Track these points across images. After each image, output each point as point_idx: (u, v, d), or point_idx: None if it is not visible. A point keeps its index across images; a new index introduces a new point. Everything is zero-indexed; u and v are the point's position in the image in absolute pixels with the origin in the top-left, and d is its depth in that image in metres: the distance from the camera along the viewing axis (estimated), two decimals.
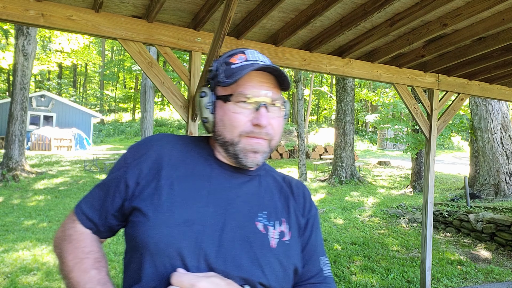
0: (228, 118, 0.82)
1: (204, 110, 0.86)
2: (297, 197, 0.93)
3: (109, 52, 38.75)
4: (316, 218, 0.96)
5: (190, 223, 0.77)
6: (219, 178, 0.85)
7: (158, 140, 0.88)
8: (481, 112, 8.49)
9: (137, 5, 2.23)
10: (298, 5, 2.31)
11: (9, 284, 3.90)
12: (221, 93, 0.84)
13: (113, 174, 0.86)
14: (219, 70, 0.85)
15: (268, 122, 0.80)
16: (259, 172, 0.91)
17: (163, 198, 0.79)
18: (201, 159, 0.87)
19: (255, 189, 0.87)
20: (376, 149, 24.25)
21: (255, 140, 0.81)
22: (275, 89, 0.83)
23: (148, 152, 0.85)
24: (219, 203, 0.81)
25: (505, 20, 2.36)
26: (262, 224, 0.82)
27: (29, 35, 10.70)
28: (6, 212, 7.03)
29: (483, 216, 5.92)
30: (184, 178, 0.82)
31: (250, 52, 0.86)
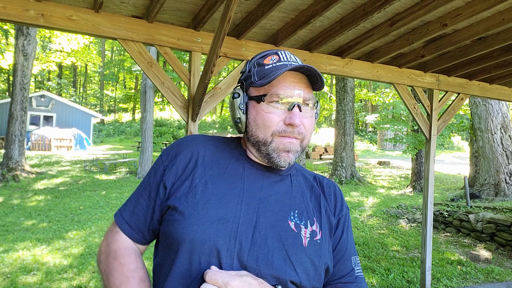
0: (261, 118, 0.83)
1: (237, 110, 0.87)
2: (328, 197, 0.95)
3: (109, 52, 38.75)
4: (348, 218, 0.97)
5: (224, 220, 0.78)
6: (251, 177, 0.86)
7: (191, 140, 0.91)
8: (481, 112, 8.49)
9: (137, 5, 2.23)
10: (298, 5, 2.31)
11: (9, 284, 3.90)
12: (254, 94, 0.86)
13: (151, 179, 0.88)
14: (252, 71, 0.86)
15: (300, 122, 0.82)
16: (290, 172, 0.93)
17: (198, 196, 0.81)
18: (233, 158, 0.89)
19: (286, 189, 0.88)
20: (376, 149, 24.25)
21: (287, 139, 0.83)
22: (307, 89, 0.84)
23: (182, 152, 0.88)
24: (252, 202, 0.82)
25: (505, 20, 2.36)
26: (294, 223, 0.83)
27: (29, 35, 10.70)
28: (6, 212, 7.03)
29: (483, 216, 5.92)
30: (217, 177, 0.85)
31: (283, 53, 0.87)
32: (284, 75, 0.83)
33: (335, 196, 0.96)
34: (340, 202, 0.96)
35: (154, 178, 0.88)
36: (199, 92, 2.33)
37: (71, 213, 7.16)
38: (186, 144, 0.90)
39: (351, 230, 0.98)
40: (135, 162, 13.49)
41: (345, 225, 0.95)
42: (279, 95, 0.81)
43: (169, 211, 0.82)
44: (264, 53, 0.89)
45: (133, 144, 21.04)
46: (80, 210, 7.39)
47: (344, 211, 0.96)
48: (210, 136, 0.94)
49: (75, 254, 4.88)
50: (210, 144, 0.91)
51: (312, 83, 0.86)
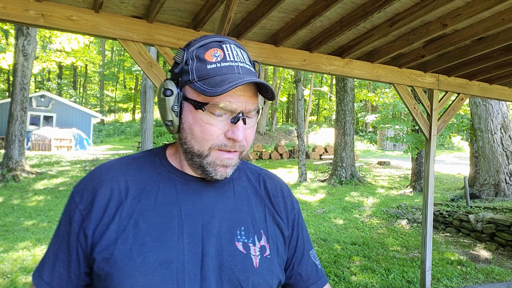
0: (199, 128, 0.71)
1: (169, 112, 0.73)
2: (275, 199, 0.86)
3: (109, 52, 38.77)
4: (299, 214, 0.91)
5: (167, 264, 0.69)
6: (187, 200, 0.75)
7: (106, 172, 0.76)
8: (481, 112, 8.49)
9: (137, 5, 2.23)
10: (298, 5, 2.31)
11: (9, 284, 3.90)
12: (191, 95, 0.72)
13: (67, 228, 0.74)
14: (190, 66, 0.72)
15: (243, 137, 0.72)
16: (232, 176, 0.82)
17: (130, 241, 0.69)
18: (162, 181, 0.77)
19: (229, 203, 0.79)
20: (376, 149, 24.26)
21: (227, 154, 0.73)
22: (253, 98, 0.73)
23: (99, 190, 0.73)
24: (194, 231, 0.73)
25: (505, 20, 2.36)
26: (242, 243, 0.75)
27: (29, 35, 10.70)
28: (6, 212, 7.03)
29: (483, 216, 5.92)
30: (148, 211, 0.72)
31: (228, 48, 0.73)
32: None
33: (283, 196, 0.88)
34: (289, 201, 0.89)
35: (69, 226, 0.73)
36: None
37: None
38: (102, 178, 0.75)
39: (304, 225, 0.92)
40: None
41: (299, 225, 0.89)
42: (223, 107, 0.70)
43: (97, 264, 0.70)
44: (204, 41, 0.73)
45: (133, 144, 21.04)
46: None
47: (295, 208, 0.90)
48: (129, 159, 0.80)
49: None
50: (130, 170, 0.77)
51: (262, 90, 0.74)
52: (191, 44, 0.74)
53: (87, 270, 0.73)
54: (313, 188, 10.60)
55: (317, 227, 6.58)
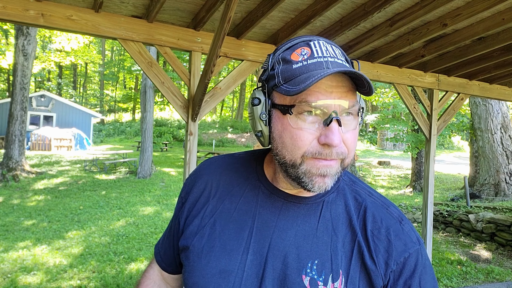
0: (288, 135, 0.63)
1: (258, 122, 0.67)
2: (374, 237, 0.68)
3: (109, 52, 38.77)
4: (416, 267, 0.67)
5: (226, 274, 0.67)
6: (264, 213, 0.70)
7: (208, 167, 0.80)
8: (481, 112, 8.50)
9: (137, 5, 2.23)
10: (298, 5, 2.31)
11: (9, 284, 3.90)
12: (278, 100, 0.65)
13: (175, 211, 0.84)
14: (276, 70, 0.65)
15: (340, 141, 0.61)
16: (325, 197, 0.72)
17: (204, 240, 0.71)
18: (249, 187, 0.74)
19: (309, 228, 0.69)
20: (376, 149, 24.26)
21: (323, 162, 0.62)
22: (349, 94, 0.63)
23: (197, 183, 0.78)
24: (260, 249, 0.68)
25: (505, 20, 2.36)
26: (309, 278, 0.65)
27: (29, 35, 10.70)
28: (6, 212, 7.03)
29: (483, 216, 5.92)
30: (227, 214, 0.72)
31: (316, 44, 0.65)
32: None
33: (387, 235, 0.68)
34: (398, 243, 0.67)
35: (175, 210, 0.83)
36: (199, 92, 2.33)
37: (71, 213, 7.16)
38: (202, 172, 0.80)
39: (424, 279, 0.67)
40: (135, 162, 13.49)
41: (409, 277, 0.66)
42: (311, 104, 0.61)
43: (181, 252, 0.77)
44: (291, 42, 0.66)
45: (133, 144, 21.04)
46: (80, 210, 7.39)
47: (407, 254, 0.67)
48: (232, 158, 0.80)
49: (75, 254, 4.88)
50: (227, 170, 0.78)
51: (357, 85, 0.64)
52: (278, 48, 0.69)
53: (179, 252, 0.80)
54: None
55: None
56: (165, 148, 19.98)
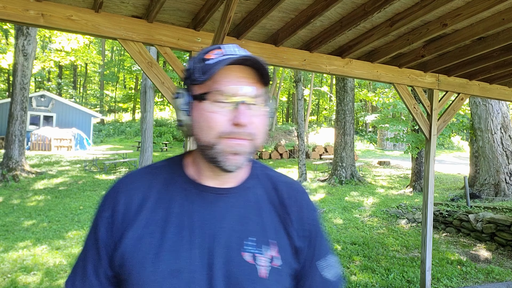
0: (204, 118, 0.74)
1: (179, 112, 0.78)
2: (289, 209, 0.85)
3: (109, 52, 38.77)
4: (317, 224, 0.89)
5: (177, 272, 0.72)
6: (199, 211, 0.78)
7: (128, 183, 0.81)
8: (481, 112, 8.49)
9: (137, 5, 2.23)
10: (298, 5, 2.31)
11: (9, 284, 3.90)
12: (197, 92, 0.77)
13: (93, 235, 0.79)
14: (195, 68, 0.77)
15: (248, 120, 0.73)
16: (247, 184, 0.84)
17: (145, 250, 0.73)
18: (177, 191, 0.80)
19: (241, 213, 0.80)
20: (376, 149, 24.26)
21: (236, 141, 0.73)
22: (256, 84, 0.76)
23: (120, 200, 0.78)
24: (203, 242, 0.75)
25: (505, 20, 2.36)
26: (250, 254, 0.76)
27: (29, 35, 10.70)
28: (6, 212, 7.03)
29: (483, 216, 5.92)
30: (163, 222, 0.76)
31: (228, 47, 0.78)
32: (229, 70, 0.74)
33: (298, 206, 0.86)
34: (306, 211, 0.87)
35: (96, 234, 0.78)
36: None
37: (71, 213, 7.17)
38: (124, 188, 0.80)
39: (320, 235, 0.89)
40: (135, 162, 13.49)
41: (314, 236, 0.87)
42: (223, 92, 0.72)
43: (117, 269, 0.75)
44: (208, 48, 0.80)
45: (133, 144, 21.05)
46: (80, 210, 7.39)
47: (313, 218, 0.88)
48: (150, 169, 0.84)
49: (75, 254, 4.88)
50: (150, 180, 0.81)
51: (263, 77, 0.77)
52: (198, 53, 0.81)
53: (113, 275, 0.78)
54: (313, 188, 10.60)
55: None
56: (165, 148, 19.98)
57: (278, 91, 28.16)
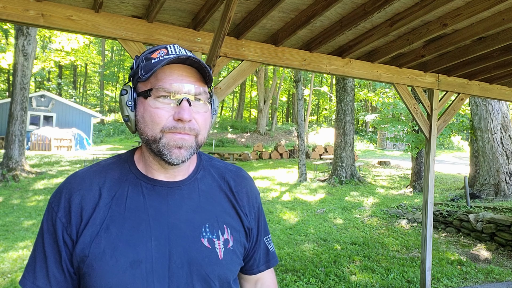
0: (148, 114, 0.78)
1: (125, 108, 0.82)
2: (238, 195, 0.93)
3: (109, 52, 38.76)
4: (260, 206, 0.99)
5: (137, 263, 0.75)
6: (154, 204, 0.81)
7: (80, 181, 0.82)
8: (481, 112, 8.49)
9: (137, 5, 2.23)
10: (298, 5, 2.31)
11: (9, 284, 3.90)
12: (141, 89, 0.81)
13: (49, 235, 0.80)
14: (140, 66, 0.81)
15: (190, 116, 0.77)
16: (196, 176, 0.89)
17: (103, 245, 0.76)
18: (130, 187, 0.83)
19: (194, 203, 0.85)
20: (376, 149, 24.26)
21: (178, 135, 0.78)
22: (198, 83, 0.81)
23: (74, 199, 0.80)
24: (161, 233, 0.79)
25: (505, 20, 2.36)
26: (207, 239, 0.82)
27: (29, 35, 10.70)
28: (6, 212, 7.03)
29: (483, 216, 5.92)
30: (119, 217, 0.79)
31: (172, 47, 0.82)
32: (171, 69, 0.79)
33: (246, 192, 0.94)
34: (252, 196, 0.96)
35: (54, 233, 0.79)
36: None
37: None
38: (77, 186, 0.81)
39: (263, 215, 1.00)
40: None
41: (260, 216, 0.98)
42: (166, 89, 0.77)
43: (77, 264, 0.77)
44: (153, 48, 0.84)
45: (133, 144, 21.04)
46: None
47: (257, 202, 0.97)
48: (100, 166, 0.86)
49: None
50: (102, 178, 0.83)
51: (204, 77, 0.83)
52: (143, 52, 0.86)
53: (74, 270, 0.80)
54: (313, 188, 10.60)
55: (317, 227, 6.58)
56: None
57: (278, 91, 28.16)
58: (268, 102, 25.19)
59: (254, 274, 0.99)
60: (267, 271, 1.01)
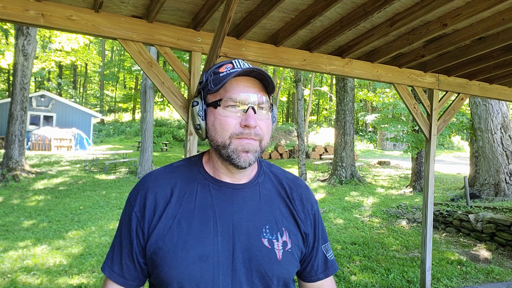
0: (218, 122, 0.87)
1: (197, 117, 0.91)
2: (295, 201, 0.98)
3: (109, 52, 38.75)
4: (317, 214, 1.03)
5: (205, 258, 0.83)
6: (220, 203, 0.89)
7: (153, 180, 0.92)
8: (481, 112, 8.49)
9: (137, 5, 2.23)
10: (298, 5, 2.31)
11: (9, 284, 3.90)
12: (211, 100, 0.89)
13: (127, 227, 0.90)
14: (209, 80, 0.90)
15: (255, 123, 0.85)
16: (258, 180, 0.97)
17: (175, 238, 0.84)
18: (199, 186, 0.92)
19: (256, 205, 0.92)
20: (376, 149, 24.26)
21: (245, 140, 0.85)
22: (261, 93, 0.88)
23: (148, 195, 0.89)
24: (226, 230, 0.87)
25: (505, 20, 2.36)
26: (267, 239, 0.89)
27: (29, 35, 10.69)
28: (6, 212, 7.03)
29: (483, 216, 5.92)
30: (189, 213, 0.88)
31: (237, 62, 0.91)
32: (238, 81, 0.87)
33: (301, 199, 1.00)
34: (308, 204, 1.01)
35: (129, 226, 0.90)
36: None
37: (71, 213, 7.16)
38: (151, 184, 0.91)
39: (321, 223, 1.04)
40: (135, 162, 13.49)
41: (317, 224, 1.02)
42: (234, 98, 0.85)
43: (150, 255, 0.86)
44: (220, 63, 0.93)
45: (133, 144, 21.04)
46: (80, 210, 7.39)
47: (314, 208, 1.02)
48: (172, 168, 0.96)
49: (75, 254, 4.88)
50: (174, 178, 0.93)
51: (266, 87, 0.90)
52: (210, 67, 0.94)
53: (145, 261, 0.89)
54: (313, 188, 10.60)
55: None
56: (165, 148, 19.97)
57: (278, 91, 28.15)
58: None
59: (313, 282, 1.02)
60: (326, 280, 1.04)
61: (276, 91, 27.24)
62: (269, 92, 0.91)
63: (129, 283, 0.91)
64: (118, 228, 0.94)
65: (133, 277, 0.90)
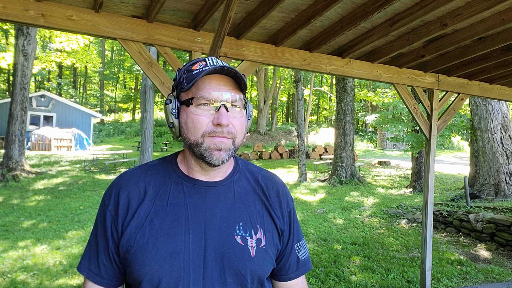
0: (191, 120, 0.87)
1: (170, 115, 0.90)
2: (271, 198, 0.99)
3: (109, 52, 38.76)
4: (292, 211, 1.03)
5: (176, 254, 0.84)
6: (193, 200, 0.90)
7: (128, 179, 0.92)
8: (481, 112, 8.49)
9: (137, 5, 2.23)
10: (298, 5, 2.31)
11: (9, 284, 3.90)
12: (184, 98, 0.89)
13: (102, 226, 0.90)
14: (182, 78, 0.89)
15: (228, 121, 0.85)
16: (233, 178, 0.97)
17: (146, 236, 0.85)
18: (173, 185, 0.92)
19: (229, 202, 0.92)
20: (376, 149, 24.26)
21: (218, 139, 0.85)
22: (234, 91, 0.88)
23: (122, 194, 0.89)
24: (198, 228, 0.87)
25: (505, 20, 2.36)
26: (240, 236, 0.89)
27: (29, 35, 10.70)
28: (6, 212, 7.03)
29: (483, 216, 5.92)
30: (161, 211, 0.88)
31: (210, 59, 0.90)
32: (210, 79, 0.87)
33: (278, 196, 1.00)
34: (284, 200, 1.01)
35: (104, 225, 0.90)
36: None
37: (71, 213, 7.16)
38: (125, 183, 0.91)
39: (296, 220, 1.04)
40: (135, 162, 13.49)
41: (292, 220, 1.02)
42: (206, 97, 0.85)
43: (123, 254, 0.86)
44: (193, 61, 0.92)
45: (133, 144, 21.05)
46: (80, 210, 7.39)
47: (289, 205, 1.02)
48: (147, 166, 0.96)
49: (75, 254, 4.88)
50: (148, 176, 0.93)
51: (239, 85, 0.90)
52: (184, 65, 0.93)
53: (119, 259, 0.89)
54: (313, 188, 10.60)
55: (317, 227, 6.58)
56: (165, 148, 19.97)
57: (278, 91, 28.14)
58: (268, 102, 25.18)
59: (283, 281, 1.02)
60: (297, 279, 1.03)
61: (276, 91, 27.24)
62: (242, 90, 0.91)
63: (107, 282, 0.90)
64: (93, 227, 0.93)
65: (110, 276, 0.90)
